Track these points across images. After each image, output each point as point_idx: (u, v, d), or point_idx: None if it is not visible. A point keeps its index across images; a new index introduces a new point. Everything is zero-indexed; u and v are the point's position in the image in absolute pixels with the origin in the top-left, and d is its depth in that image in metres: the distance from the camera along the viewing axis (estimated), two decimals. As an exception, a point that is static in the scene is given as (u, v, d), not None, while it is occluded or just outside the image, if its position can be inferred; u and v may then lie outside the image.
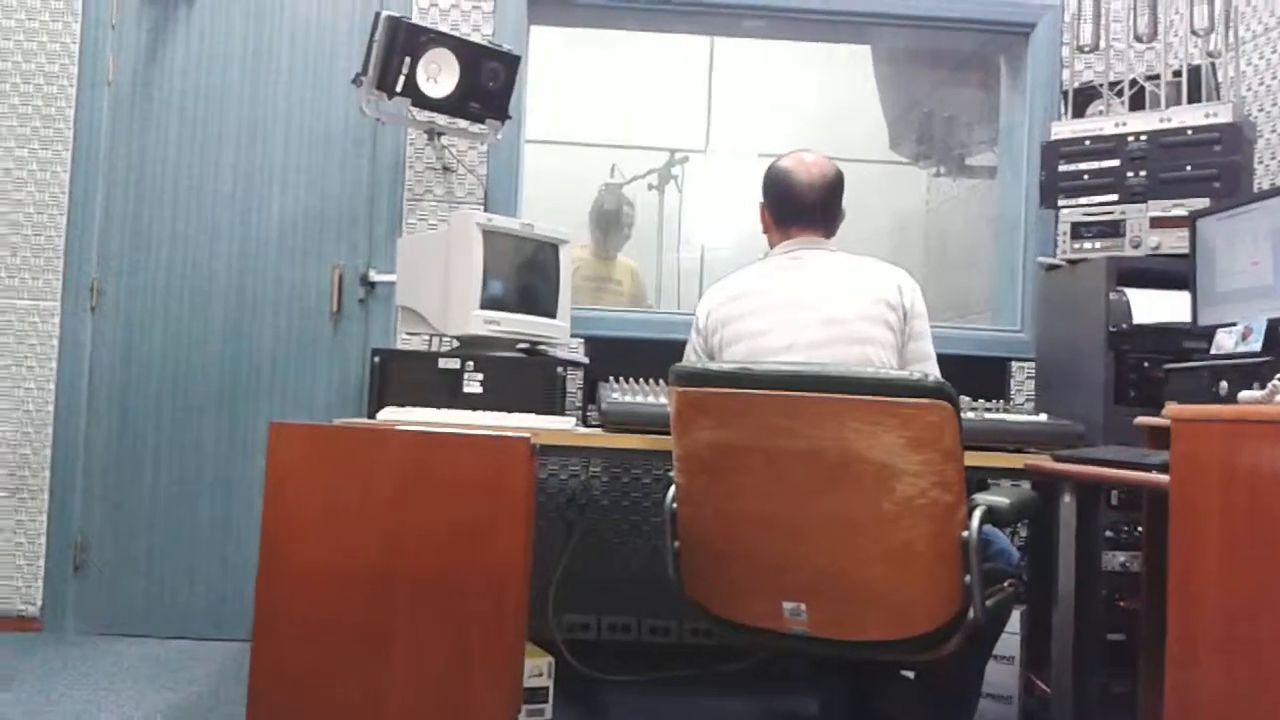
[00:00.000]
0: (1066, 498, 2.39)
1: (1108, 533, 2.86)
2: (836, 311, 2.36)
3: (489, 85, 3.36)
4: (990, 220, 4.10)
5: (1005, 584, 2.17)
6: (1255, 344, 2.21)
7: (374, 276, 3.62)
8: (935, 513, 1.84)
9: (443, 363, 2.82)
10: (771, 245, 2.57)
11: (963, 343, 3.56)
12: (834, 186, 2.51)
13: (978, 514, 1.89)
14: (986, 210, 4.18)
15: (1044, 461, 2.47)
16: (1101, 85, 3.47)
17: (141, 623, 3.64)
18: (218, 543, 3.65)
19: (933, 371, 2.36)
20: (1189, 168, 2.98)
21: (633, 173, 4.91)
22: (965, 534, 1.85)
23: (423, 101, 3.31)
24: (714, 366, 2.09)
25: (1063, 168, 3.19)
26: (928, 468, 1.82)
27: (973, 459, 2.15)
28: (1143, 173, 3.05)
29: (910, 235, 5.24)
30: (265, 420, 2.39)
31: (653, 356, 2.66)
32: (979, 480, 2.71)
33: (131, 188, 3.72)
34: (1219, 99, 3.18)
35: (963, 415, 1.91)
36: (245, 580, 2.26)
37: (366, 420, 2.68)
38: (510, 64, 3.40)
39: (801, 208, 2.49)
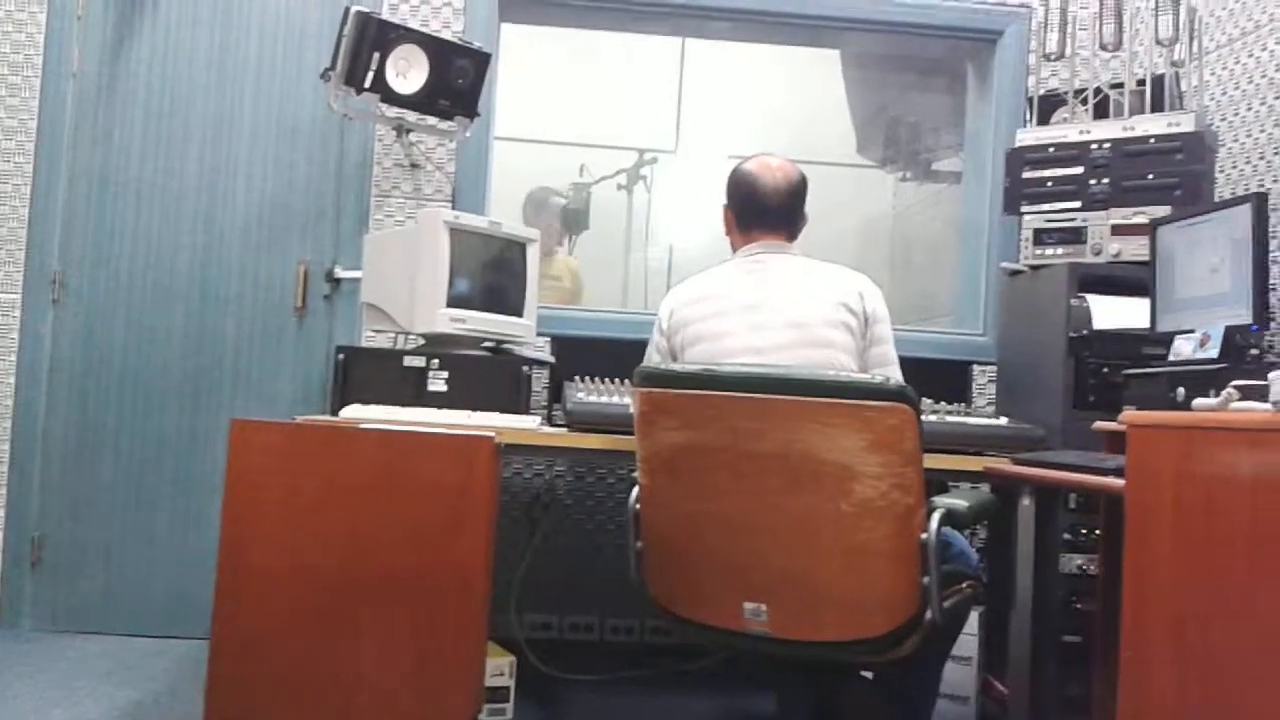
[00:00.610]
0: (1025, 500, 2.39)
1: (1065, 535, 2.84)
2: (798, 315, 2.36)
3: (458, 82, 3.34)
4: (955, 225, 4.09)
5: (964, 585, 2.18)
6: (1213, 351, 2.24)
7: (339, 273, 3.59)
8: (894, 514, 1.84)
9: (408, 360, 2.81)
10: (734, 248, 2.57)
11: (926, 345, 3.57)
12: (797, 191, 2.51)
13: (936, 516, 1.90)
14: (951, 215, 4.18)
15: (1003, 465, 2.46)
16: (1067, 93, 3.48)
17: (99, 619, 3.59)
18: (177, 539, 3.61)
19: (895, 375, 2.36)
20: (1151, 176, 3.00)
21: (601, 172, 4.88)
22: (924, 536, 1.86)
23: (391, 97, 3.29)
24: (678, 368, 2.10)
25: (1027, 174, 3.19)
26: (887, 470, 1.82)
27: (933, 461, 2.18)
28: (1105, 180, 3.07)
29: (876, 238, 5.25)
30: (227, 416, 2.33)
31: (620, 356, 2.66)
32: (939, 483, 2.65)
33: (95, 180, 3.68)
34: (1182, 108, 3.18)
35: (924, 418, 1.92)
36: (204, 578, 2.23)
37: (330, 418, 2.66)
38: (480, 61, 3.38)
39: (764, 211, 2.48)
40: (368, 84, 3.21)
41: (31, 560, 3.58)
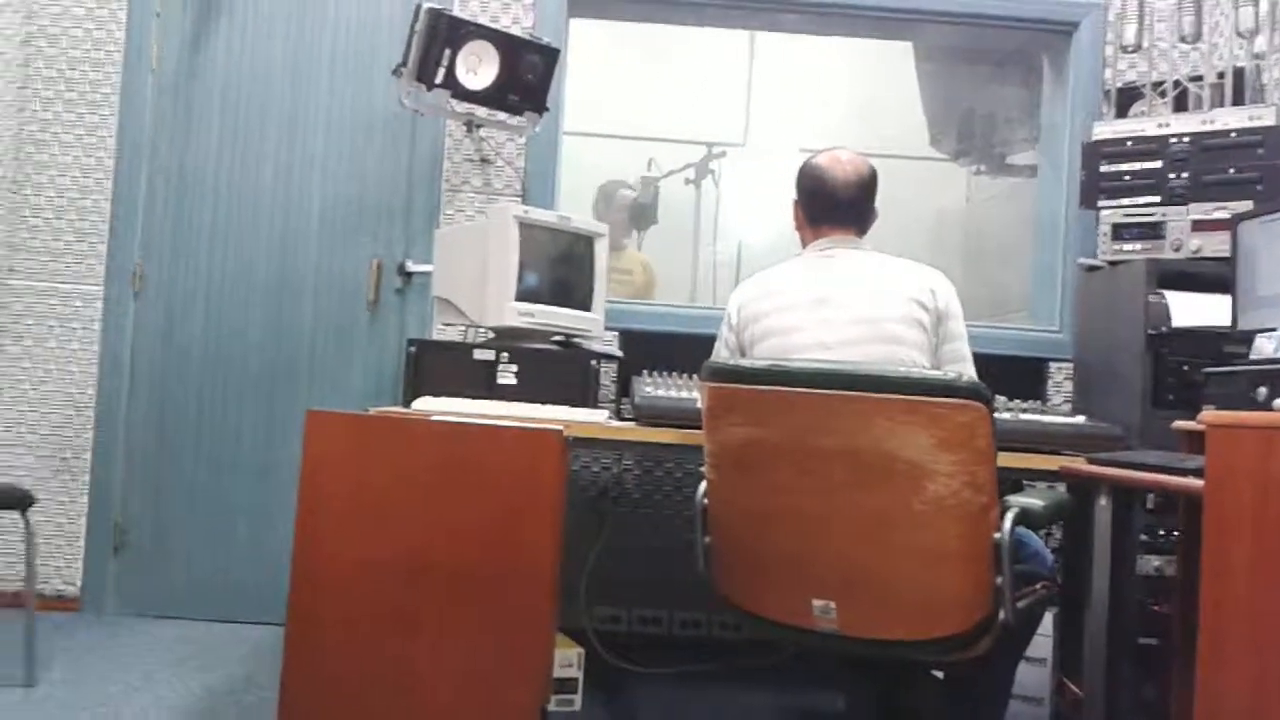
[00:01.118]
0: (1102, 501, 2.36)
1: (1143, 536, 2.81)
2: (868, 311, 2.36)
3: (528, 78, 3.34)
4: (1030, 219, 4.06)
5: (1038, 586, 2.17)
6: (1295, 350, 2.42)
7: (411, 267, 3.63)
8: (967, 513, 1.83)
9: (477, 354, 2.82)
10: (804, 243, 2.56)
11: (1000, 342, 3.52)
12: (868, 185, 2.50)
13: (1010, 515, 1.88)
14: (1026, 209, 4.15)
15: (1079, 464, 2.44)
16: (1144, 85, 3.45)
17: (179, 605, 3.67)
18: (254, 528, 3.68)
19: (968, 372, 2.34)
20: (1231, 170, 2.96)
21: (670, 166, 4.82)
22: (997, 535, 1.85)
23: (462, 93, 3.31)
24: (745, 363, 2.11)
25: (1104, 168, 3.16)
26: (960, 468, 1.81)
27: (1007, 460, 2.14)
28: (1185, 175, 3.03)
29: (949, 232, 5.16)
30: (302, 407, 2.29)
31: (687, 351, 2.67)
32: (1013, 482, 2.68)
33: (174, 174, 3.75)
34: (1263, 102, 3.14)
35: (998, 416, 1.95)
36: (280, 565, 2.28)
37: (402, 409, 2.69)
38: (549, 56, 3.39)
39: (834, 206, 2.47)
40: (439, 80, 3.24)
41: (114, 546, 3.65)
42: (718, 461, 2.08)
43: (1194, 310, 2.87)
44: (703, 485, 2.15)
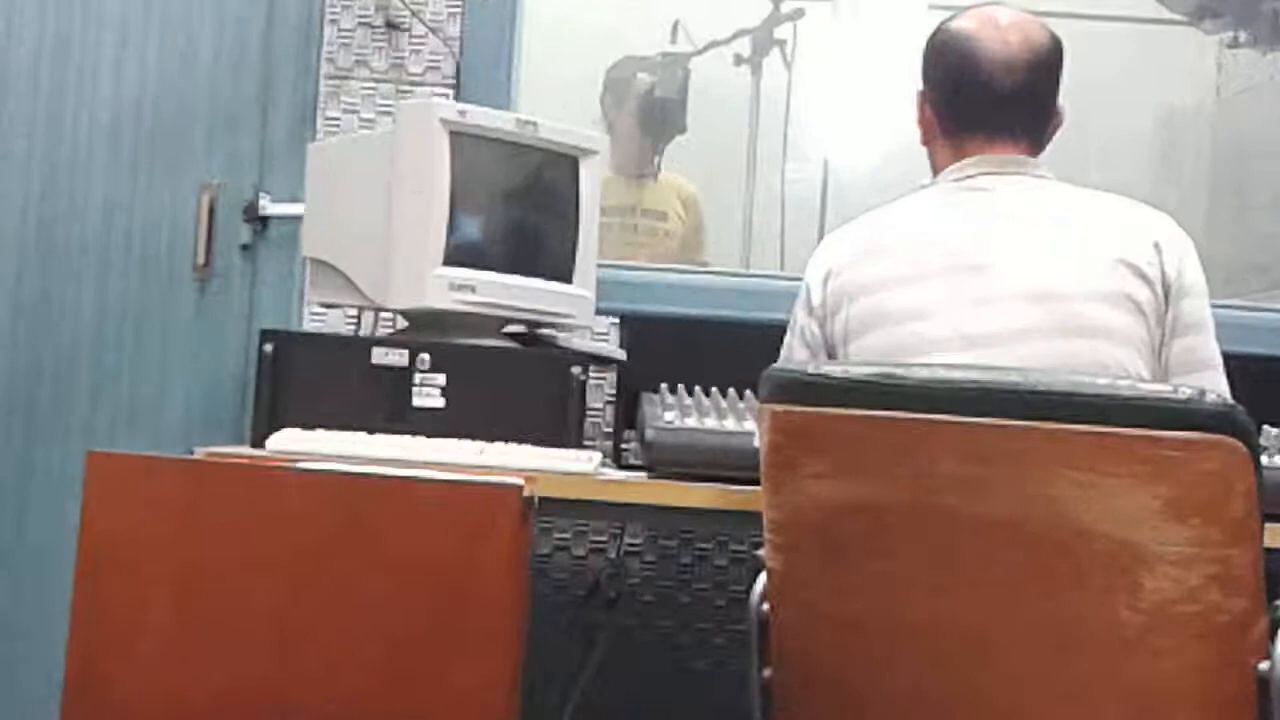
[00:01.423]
0: None
1: None
2: (1047, 282, 2.30)
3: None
4: None
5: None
6: None
7: (267, 208, 3.42)
8: (1212, 628, 1.77)
9: (380, 355, 2.72)
10: (937, 166, 2.50)
11: (1272, 335, 3.34)
12: (1046, 66, 2.43)
13: (1292, 635, 1.69)
14: None
15: None
16: None
17: None
18: None
19: (1216, 386, 2.25)
20: None
21: (709, 36, 4.36)
22: (1263, 665, 1.78)
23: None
24: (837, 370, 2.01)
25: None
26: (1202, 550, 1.74)
27: (1281, 537, 1.92)
28: None
29: (1185, 148, 4.75)
30: (79, 449, 2.40)
31: (734, 351, 2.59)
32: None
33: None
34: None
35: (1270, 463, 1.91)
36: (38, 711, 2.31)
37: (250, 450, 2.60)
38: None
39: (989, 102, 2.43)
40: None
41: None
42: (788, 539, 2.04)
43: None
44: (761, 580, 2.12)
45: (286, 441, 2.56)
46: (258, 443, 2.62)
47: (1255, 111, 4.44)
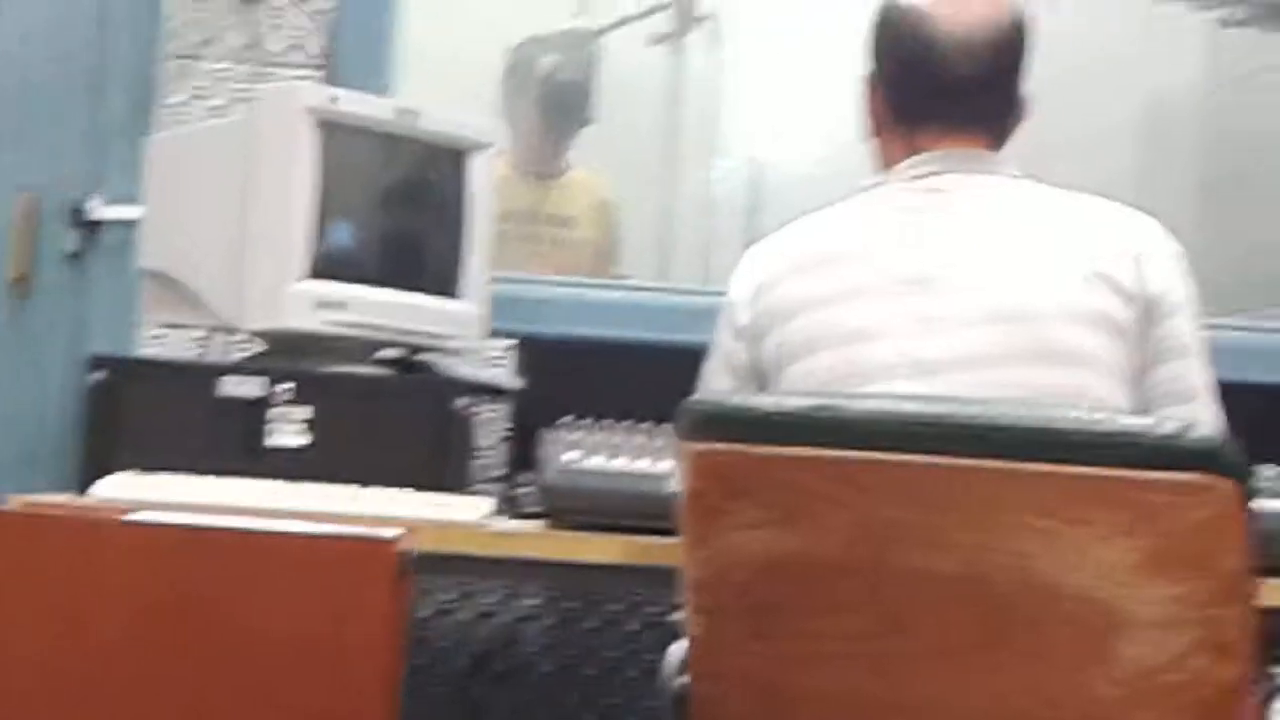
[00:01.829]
0: None
1: None
2: (1012, 299, 2.18)
3: None
4: None
5: None
6: None
7: (98, 211, 3.26)
8: (1201, 700, 1.73)
9: (230, 385, 2.62)
10: (887, 163, 2.34)
11: (1271, 358, 3.28)
12: (1010, 48, 2.30)
13: (1290, 706, 1.76)
14: None
15: None
16: None
17: None
18: None
19: (1203, 417, 2.11)
20: None
21: (621, 10, 4.19)
22: (1261, 744, 1.67)
23: None
24: (768, 402, 1.95)
25: None
26: (1188, 611, 1.70)
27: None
28: None
29: (1172, 140, 4.57)
30: None
31: (650, 378, 2.47)
32: None
33: None
34: None
35: (1260, 504, 1.73)
36: None
37: (73, 499, 2.48)
38: None
39: (944, 89, 2.30)
40: None
41: None
42: (712, 600, 1.95)
43: None
44: (679, 647, 2.06)
45: (118, 488, 2.44)
46: (84, 489, 2.47)
47: (1253, 101, 4.32)
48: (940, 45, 2.25)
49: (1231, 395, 2.21)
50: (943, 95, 2.28)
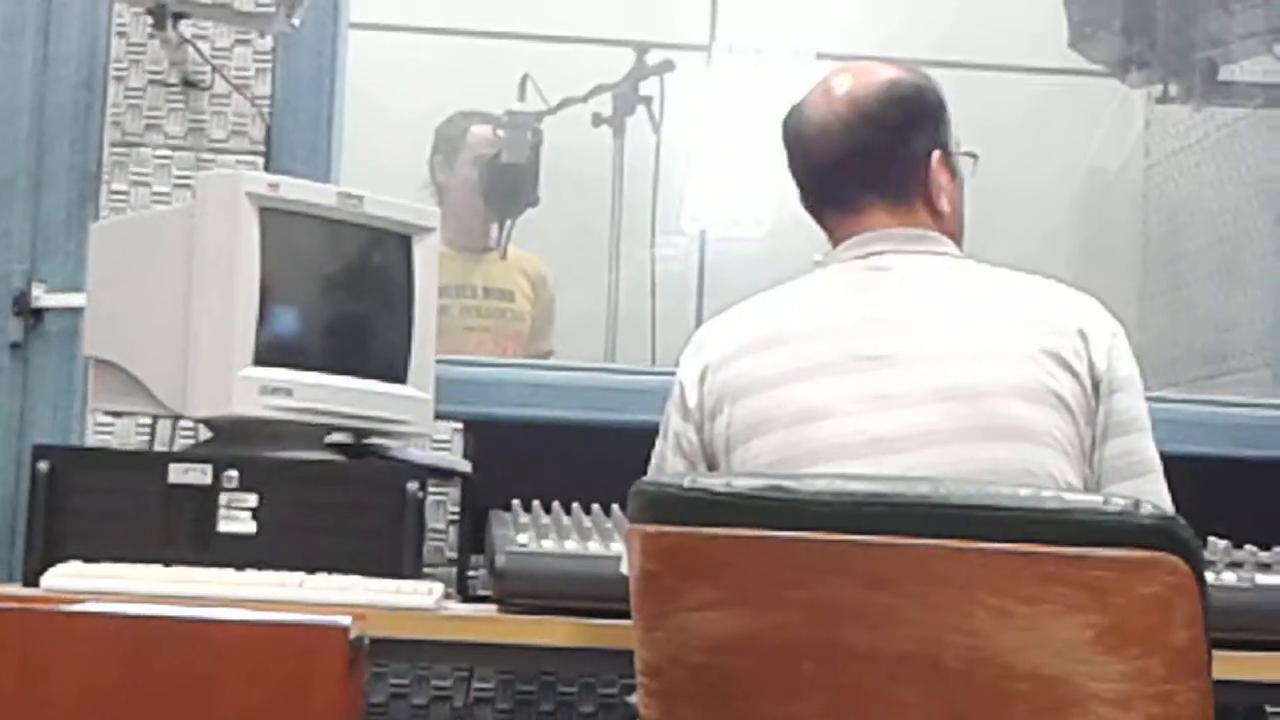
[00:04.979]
0: None
1: None
2: (960, 376, 2.30)
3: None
4: (1270, 192, 3.96)
5: None
6: None
7: (41, 299, 3.34)
8: None
9: (177, 473, 2.75)
10: (834, 240, 2.50)
11: (1215, 432, 3.37)
12: (878, 122, 2.47)
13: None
14: (1261, 171, 4.04)
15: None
16: None
17: None
18: None
19: (1153, 494, 2.21)
20: None
21: (565, 90, 4.29)
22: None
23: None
24: (719, 483, 1.92)
25: None
26: (1142, 687, 1.73)
27: (1234, 668, 2.11)
28: None
29: (1111, 217, 4.82)
30: None
31: (599, 460, 2.65)
32: (1249, 709, 2.79)
33: None
34: None
35: (1216, 582, 1.89)
36: None
37: (19, 590, 2.61)
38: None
39: (822, 174, 2.52)
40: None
41: None
42: (666, 683, 1.99)
43: None
44: None
45: (66, 578, 2.54)
46: (30, 580, 2.60)
47: (1189, 174, 4.52)
48: (805, 134, 2.47)
49: (1173, 467, 2.30)
50: (823, 180, 2.49)
